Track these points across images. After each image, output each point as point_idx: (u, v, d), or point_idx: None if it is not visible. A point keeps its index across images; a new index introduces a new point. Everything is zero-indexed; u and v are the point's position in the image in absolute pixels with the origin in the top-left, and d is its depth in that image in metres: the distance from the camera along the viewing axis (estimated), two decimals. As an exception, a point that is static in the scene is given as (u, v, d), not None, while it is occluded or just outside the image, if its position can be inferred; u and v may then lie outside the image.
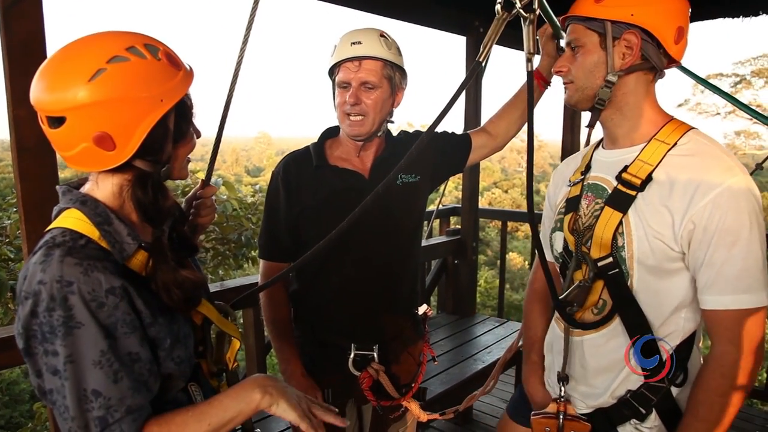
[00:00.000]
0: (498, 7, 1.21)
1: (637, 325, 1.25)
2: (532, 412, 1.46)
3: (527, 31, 1.22)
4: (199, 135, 1.12)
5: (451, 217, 4.59)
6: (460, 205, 4.16)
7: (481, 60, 1.23)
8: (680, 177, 1.17)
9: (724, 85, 24.97)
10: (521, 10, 1.19)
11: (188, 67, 1.04)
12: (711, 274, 1.15)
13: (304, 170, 1.72)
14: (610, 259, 1.24)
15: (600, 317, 1.31)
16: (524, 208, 1.63)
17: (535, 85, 1.81)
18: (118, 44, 0.93)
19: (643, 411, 1.27)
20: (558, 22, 1.63)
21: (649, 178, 1.20)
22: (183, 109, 1.04)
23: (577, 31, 1.27)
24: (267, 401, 1.04)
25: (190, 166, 1.46)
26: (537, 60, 1.88)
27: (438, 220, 4.59)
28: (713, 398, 1.18)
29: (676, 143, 1.21)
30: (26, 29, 1.59)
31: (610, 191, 1.27)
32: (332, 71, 1.67)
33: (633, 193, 1.21)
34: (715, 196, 1.12)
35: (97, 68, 0.90)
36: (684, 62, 1.35)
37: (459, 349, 3.39)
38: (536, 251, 1.42)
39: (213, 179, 4.77)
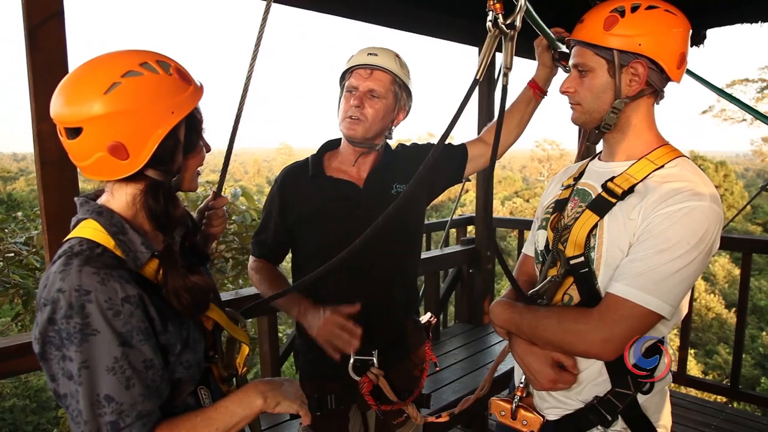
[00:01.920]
0: (489, 24, 1.25)
1: None
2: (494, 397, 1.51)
3: (506, 47, 1.26)
4: (209, 149, 1.16)
5: (468, 227, 4.60)
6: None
7: (478, 77, 1.26)
8: (655, 192, 1.23)
9: (751, 91, 24.51)
10: (503, 26, 1.23)
11: (198, 83, 1.09)
12: (625, 264, 1.21)
13: (300, 180, 1.79)
14: (582, 258, 1.30)
15: None
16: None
17: (531, 95, 1.85)
18: (132, 60, 0.99)
19: (609, 418, 1.31)
20: (551, 33, 1.65)
21: (630, 190, 1.27)
22: (193, 122, 1.09)
23: (585, 56, 1.31)
24: (269, 404, 1.10)
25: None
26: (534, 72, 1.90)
27: (455, 230, 4.61)
28: (553, 319, 1.28)
29: (663, 165, 1.28)
30: (50, 48, 1.68)
31: (594, 196, 1.35)
32: (344, 77, 1.74)
33: (613, 200, 1.28)
34: (673, 210, 1.18)
35: (112, 82, 0.95)
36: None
37: (473, 358, 3.39)
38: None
39: (233, 190, 4.83)
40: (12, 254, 4.17)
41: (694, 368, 14.31)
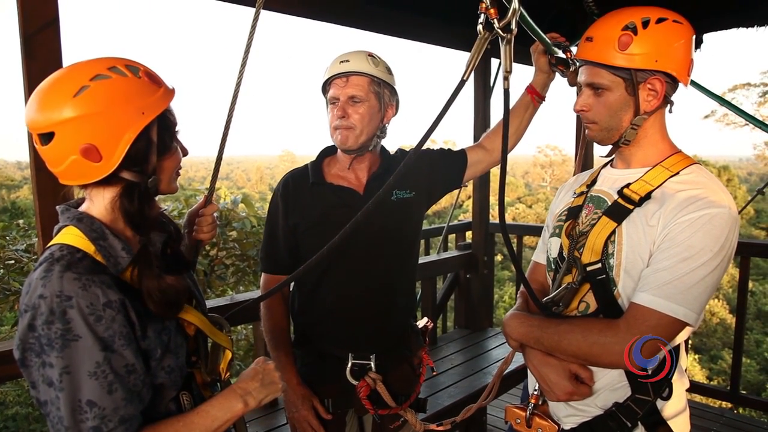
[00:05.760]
0: (480, 27, 1.25)
1: None
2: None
3: (504, 51, 1.25)
4: (185, 152, 1.17)
5: (467, 232, 4.60)
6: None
7: (465, 78, 1.26)
8: (673, 199, 1.23)
9: (753, 95, 24.52)
10: (500, 30, 1.23)
11: (170, 86, 1.11)
12: (650, 274, 1.20)
13: (301, 187, 1.78)
14: (599, 265, 1.29)
15: None
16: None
17: (529, 100, 1.85)
18: (100, 65, 1.02)
19: (629, 424, 1.29)
20: (547, 38, 1.66)
21: (647, 197, 1.27)
22: (166, 123, 1.10)
23: (600, 75, 1.30)
24: (251, 406, 1.12)
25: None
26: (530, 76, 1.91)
27: (454, 235, 4.61)
28: (577, 332, 1.25)
29: (678, 172, 1.28)
30: (45, 57, 1.70)
31: (609, 203, 1.34)
32: (325, 90, 1.74)
33: (630, 207, 1.28)
34: (695, 218, 1.18)
35: (81, 86, 0.98)
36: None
37: (470, 362, 3.39)
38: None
39: (233, 197, 4.85)
40: (13, 261, 4.20)
41: (698, 373, 14.23)
